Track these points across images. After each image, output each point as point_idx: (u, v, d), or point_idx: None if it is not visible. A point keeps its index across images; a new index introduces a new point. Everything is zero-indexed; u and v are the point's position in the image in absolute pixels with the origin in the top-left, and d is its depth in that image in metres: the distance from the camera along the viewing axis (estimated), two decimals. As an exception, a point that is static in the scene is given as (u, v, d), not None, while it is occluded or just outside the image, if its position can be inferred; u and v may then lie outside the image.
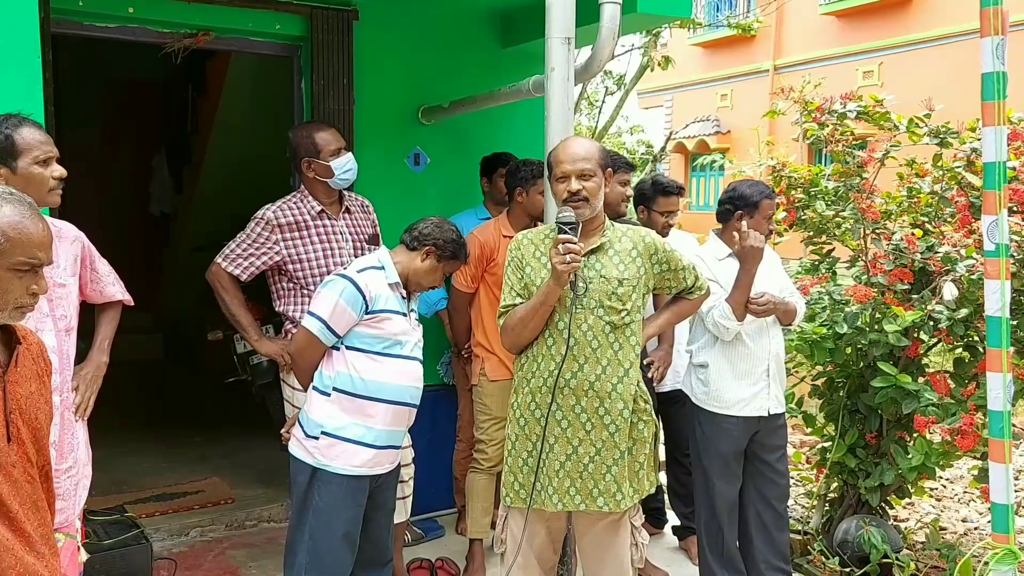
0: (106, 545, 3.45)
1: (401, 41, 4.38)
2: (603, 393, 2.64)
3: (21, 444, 1.76)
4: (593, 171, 2.62)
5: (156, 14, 3.77)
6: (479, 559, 3.85)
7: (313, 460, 2.77)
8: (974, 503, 5.15)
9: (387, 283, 2.82)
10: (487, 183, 4.20)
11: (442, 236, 2.89)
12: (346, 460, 2.76)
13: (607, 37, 3.16)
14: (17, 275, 1.67)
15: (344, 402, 2.77)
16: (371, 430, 2.77)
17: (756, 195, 3.35)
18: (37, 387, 1.83)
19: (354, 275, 2.78)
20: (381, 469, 2.86)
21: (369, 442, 2.78)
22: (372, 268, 2.82)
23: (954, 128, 4.03)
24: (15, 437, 1.74)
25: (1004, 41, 2.35)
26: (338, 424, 2.76)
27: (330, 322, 2.75)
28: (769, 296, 3.26)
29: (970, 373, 3.84)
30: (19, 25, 2.66)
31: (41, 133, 2.47)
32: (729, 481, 3.39)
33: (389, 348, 2.79)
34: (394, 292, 2.83)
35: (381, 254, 2.91)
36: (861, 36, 16.69)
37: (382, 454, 2.83)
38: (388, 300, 2.80)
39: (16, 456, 1.74)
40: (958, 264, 3.67)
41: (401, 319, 2.84)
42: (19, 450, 1.75)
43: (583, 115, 15.72)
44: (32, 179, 2.39)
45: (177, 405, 6.66)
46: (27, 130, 2.44)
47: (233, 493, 4.64)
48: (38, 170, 2.43)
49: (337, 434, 2.76)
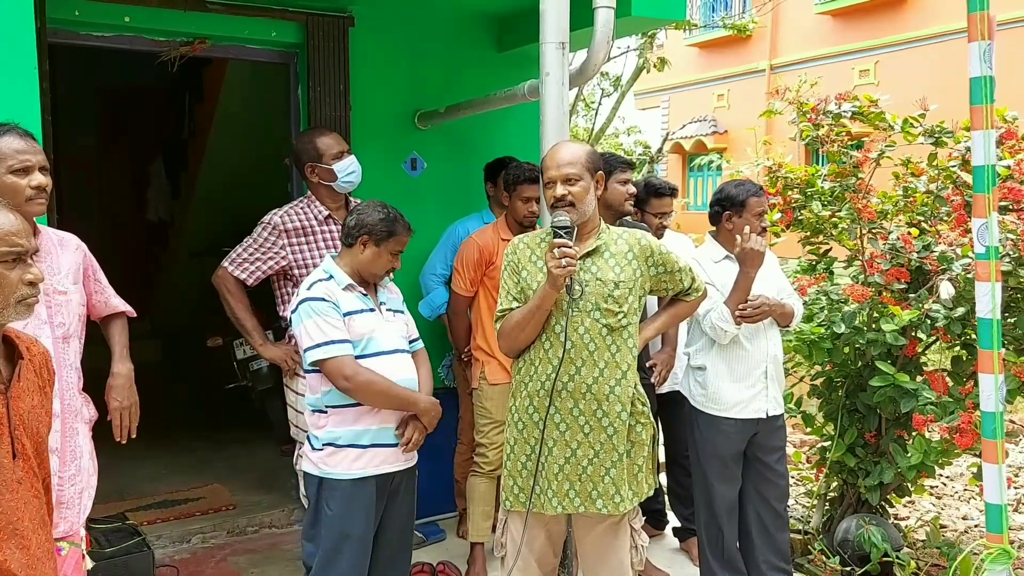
0: (108, 553, 3.46)
1: (397, 47, 4.39)
2: (601, 396, 2.65)
3: (27, 459, 1.78)
4: (579, 175, 2.62)
5: (152, 23, 3.78)
6: (480, 562, 3.85)
7: (318, 471, 2.77)
8: (974, 500, 5.15)
9: (340, 289, 2.77)
10: (491, 187, 4.21)
11: (369, 220, 2.81)
12: (348, 464, 2.75)
13: (601, 41, 3.18)
14: (7, 267, 1.68)
15: (340, 414, 2.76)
16: (368, 430, 2.77)
17: (742, 194, 3.36)
18: (40, 399, 1.84)
19: (307, 293, 2.75)
20: (389, 467, 2.82)
21: (367, 443, 2.76)
22: (320, 281, 2.78)
23: (949, 127, 4.05)
24: (20, 453, 1.75)
25: (991, 46, 2.36)
26: (338, 434, 2.76)
27: (332, 337, 2.70)
28: (763, 299, 3.25)
29: (968, 371, 3.85)
30: (15, 34, 2.66)
31: (22, 142, 2.44)
32: (728, 483, 3.40)
33: (365, 348, 2.75)
34: (352, 293, 2.80)
35: (325, 264, 2.87)
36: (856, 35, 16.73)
37: (384, 452, 2.80)
38: (349, 302, 2.77)
39: (23, 472, 1.76)
40: (954, 263, 3.68)
41: (369, 315, 2.80)
42: (25, 466, 1.77)
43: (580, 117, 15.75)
44: (7, 188, 2.36)
45: (177, 411, 6.65)
46: (5, 139, 2.42)
47: (234, 499, 4.65)
48: (12, 179, 2.40)
49: (337, 442, 2.76)
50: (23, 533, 1.74)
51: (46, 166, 2.50)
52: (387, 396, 2.75)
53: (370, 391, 2.72)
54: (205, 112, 6.83)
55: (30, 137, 2.50)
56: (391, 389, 2.75)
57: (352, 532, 2.75)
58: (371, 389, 2.72)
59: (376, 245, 2.81)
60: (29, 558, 1.75)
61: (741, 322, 3.23)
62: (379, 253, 2.81)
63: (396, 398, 2.77)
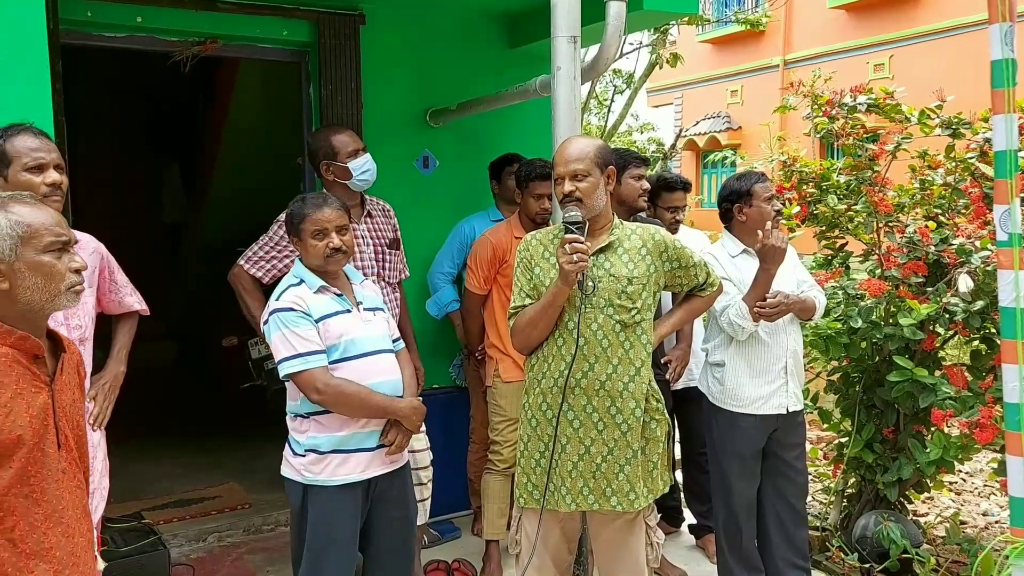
0: (124, 552, 3.48)
1: (408, 44, 4.38)
2: (614, 392, 2.63)
3: (69, 450, 1.85)
4: (587, 171, 2.61)
5: (164, 23, 3.79)
6: (496, 560, 3.85)
7: (302, 478, 2.72)
8: (994, 496, 5.10)
9: (312, 292, 2.72)
10: (496, 185, 4.20)
11: (290, 219, 2.81)
12: (332, 471, 2.70)
13: (613, 35, 3.16)
14: (55, 256, 1.77)
15: (323, 420, 2.71)
16: (353, 435, 2.71)
17: (746, 184, 3.33)
18: (78, 395, 1.92)
19: (275, 304, 2.71)
20: (374, 472, 2.76)
21: (352, 447, 2.71)
22: (290, 287, 2.74)
23: (966, 118, 4.00)
24: (64, 444, 1.83)
25: (1013, 28, 2.32)
26: (320, 440, 2.71)
27: (300, 350, 2.64)
28: (781, 297, 3.21)
29: (987, 365, 3.81)
30: (28, 35, 2.67)
31: (36, 140, 2.46)
32: (747, 480, 3.36)
33: (344, 352, 2.70)
34: (325, 295, 2.74)
35: (295, 269, 2.82)
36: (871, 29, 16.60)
37: (367, 456, 2.74)
38: (323, 305, 2.71)
39: (66, 463, 1.83)
40: (973, 256, 3.64)
41: (345, 317, 2.74)
42: (67, 456, 1.84)
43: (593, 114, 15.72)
44: (21, 187, 2.37)
45: (192, 411, 6.69)
46: (20, 138, 2.44)
47: (249, 498, 4.66)
48: (26, 177, 2.42)
49: (319, 449, 2.70)
50: (67, 522, 1.81)
51: (61, 164, 2.52)
52: (362, 406, 2.69)
53: (343, 403, 2.66)
54: (218, 113, 6.86)
55: (44, 136, 2.52)
56: (366, 399, 2.69)
57: (337, 537, 2.72)
58: (344, 401, 2.66)
59: (299, 237, 2.77)
60: (73, 547, 1.83)
61: (760, 318, 3.19)
62: (304, 244, 2.76)
63: (372, 407, 2.70)
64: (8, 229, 1.72)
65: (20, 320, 1.75)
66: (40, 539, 1.75)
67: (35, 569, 1.73)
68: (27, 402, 1.73)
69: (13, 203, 1.77)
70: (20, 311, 1.75)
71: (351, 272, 2.93)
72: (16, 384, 1.72)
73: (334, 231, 2.75)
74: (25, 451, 1.72)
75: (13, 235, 1.72)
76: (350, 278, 2.90)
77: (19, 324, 1.75)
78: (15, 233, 1.72)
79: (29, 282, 1.73)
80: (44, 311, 1.78)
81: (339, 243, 2.74)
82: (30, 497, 1.74)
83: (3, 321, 1.73)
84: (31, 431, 1.73)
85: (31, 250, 1.73)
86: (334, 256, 2.75)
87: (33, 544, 1.74)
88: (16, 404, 1.71)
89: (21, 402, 1.72)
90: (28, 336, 1.75)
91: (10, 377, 1.72)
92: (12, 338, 1.73)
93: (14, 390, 1.71)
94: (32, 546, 1.74)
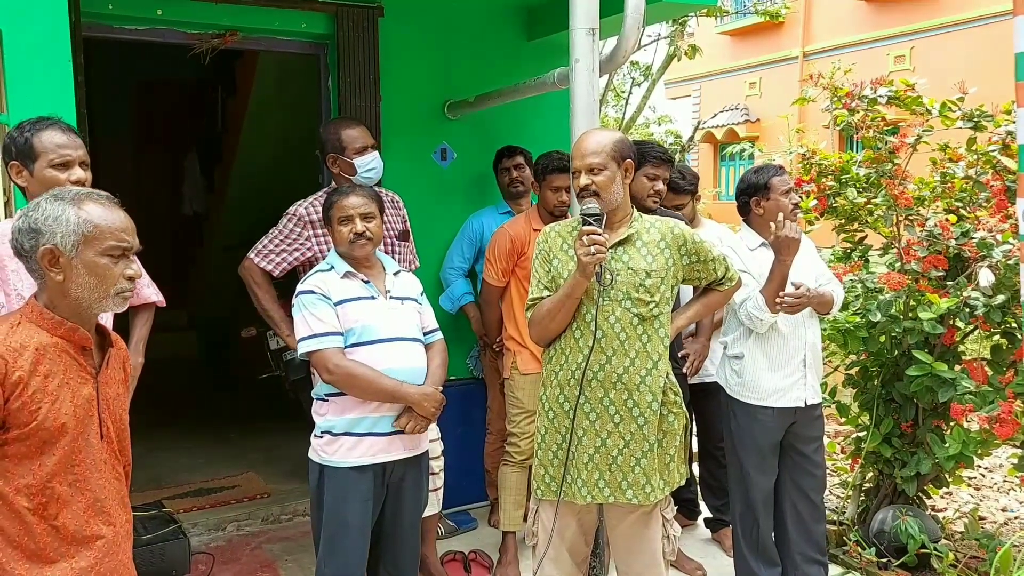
0: (145, 540, 3.51)
1: (426, 37, 4.39)
2: (631, 385, 2.63)
3: (110, 442, 1.91)
4: (603, 164, 2.61)
5: (184, 15, 3.82)
6: (512, 551, 3.86)
7: (319, 458, 2.80)
8: (1014, 492, 5.07)
9: (339, 278, 2.81)
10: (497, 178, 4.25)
11: (324, 208, 2.95)
12: (345, 452, 2.76)
13: (632, 27, 3.14)
14: (112, 260, 1.81)
15: (340, 402, 2.77)
16: (364, 419, 2.76)
17: (763, 177, 3.32)
18: (122, 390, 1.98)
19: (300, 287, 2.83)
20: (388, 456, 2.80)
21: (364, 431, 2.76)
22: (319, 272, 2.85)
23: (988, 111, 3.96)
24: (106, 436, 1.89)
25: (1037, 20, 2.30)
26: (334, 422, 2.78)
27: (316, 330, 2.73)
28: (803, 289, 3.19)
29: (1008, 360, 3.77)
30: (50, 29, 2.70)
31: (63, 136, 2.46)
32: (765, 473, 3.36)
33: (360, 336, 2.75)
34: (352, 280, 2.82)
35: (329, 256, 2.93)
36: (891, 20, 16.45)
37: (381, 440, 2.78)
38: (346, 290, 2.80)
39: (107, 453, 1.89)
40: (994, 249, 3.61)
41: (367, 303, 2.80)
42: (108, 448, 1.90)
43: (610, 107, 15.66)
44: (47, 182, 2.38)
45: (212, 401, 6.75)
46: (47, 133, 2.44)
47: (269, 487, 4.70)
48: (52, 173, 2.43)
49: (333, 430, 2.78)
50: (108, 511, 1.88)
51: (86, 161, 2.52)
52: (370, 388, 2.73)
53: (353, 384, 2.72)
54: (238, 105, 6.90)
55: (72, 132, 2.51)
56: (374, 381, 2.72)
57: (351, 520, 2.76)
58: (353, 382, 2.71)
59: (330, 224, 2.90)
60: (114, 535, 1.88)
61: (778, 310, 3.18)
62: (333, 230, 2.88)
63: (380, 390, 2.74)
64: (76, 226, 1.77)
65: (70, 312, 1.81)
66: (82, 526, 1.81)
67: (76, 555, 1.79)
68: (73, 392, 1.79)
69: (88, 201, 1.82)
70: (70, 304, 1.80)
71: (387, 262, 2.99)
72: (64, 373, 1.78)
73: (359, 217, 2.83)
74: (69, 439, 1.78)
75: (79, 232, 1.77)
76: (385, 267, 2.96)
77: (69, 316, 1.81)
78: (81, 231, 1.77)
79: (82, 279, 1.79)
80: (92, 310, 1.83)
81: (362, 228, 2.82)
82: (74, 485, 1.80)
83: (55, 312, 1.80)
84: (75, 420, 1.79)
85: (92, 250, 1.78)
86: (358, 241, 2.83)
87: (75, 530, 1.80)
88: (62, 393, 1.77)
89: (67, 391, 1.78)
90: (77, 328, 1.81)
91: (58, 367, 1.78)
92: (62, 329, 1.79)
93: (61, 379, 1.77)
94: (74, 532, 1.80)
